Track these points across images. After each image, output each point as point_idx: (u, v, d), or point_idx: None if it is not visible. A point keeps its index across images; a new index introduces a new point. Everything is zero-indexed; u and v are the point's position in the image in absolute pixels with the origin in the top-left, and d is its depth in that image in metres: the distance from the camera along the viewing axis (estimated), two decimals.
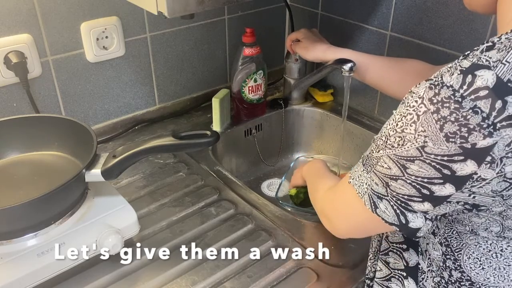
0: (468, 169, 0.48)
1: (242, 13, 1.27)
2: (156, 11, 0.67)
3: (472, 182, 0.50)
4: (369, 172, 0.59)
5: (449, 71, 0.49)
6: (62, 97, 1.05)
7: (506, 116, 0.45)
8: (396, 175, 0.54)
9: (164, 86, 1.21)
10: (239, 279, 0.76)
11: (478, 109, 0.46)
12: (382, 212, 0.58)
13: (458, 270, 0.61)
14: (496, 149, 0.46)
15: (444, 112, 0.47)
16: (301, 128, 1.33)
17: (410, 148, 0.51)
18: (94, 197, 0.81)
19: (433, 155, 0.49)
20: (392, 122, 0.54)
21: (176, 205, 0.92)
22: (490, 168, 0.48)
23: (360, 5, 1.16)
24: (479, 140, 0.46)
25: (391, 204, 0.56)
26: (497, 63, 0.46)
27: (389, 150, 0.54)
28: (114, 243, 0.74)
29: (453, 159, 0.48)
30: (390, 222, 0.57)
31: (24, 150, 0.85)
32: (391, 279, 0.71)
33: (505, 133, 0.46)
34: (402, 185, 0.54)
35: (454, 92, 0.47)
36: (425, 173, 0.51)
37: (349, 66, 0.99)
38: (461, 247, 0.60)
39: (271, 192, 1.21)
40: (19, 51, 0.94)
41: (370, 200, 0.59)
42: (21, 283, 0.69)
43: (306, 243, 0.84)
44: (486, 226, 0.57)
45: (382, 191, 0.57)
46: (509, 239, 0.57)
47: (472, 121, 0.46)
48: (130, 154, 0.74)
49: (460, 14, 0.98)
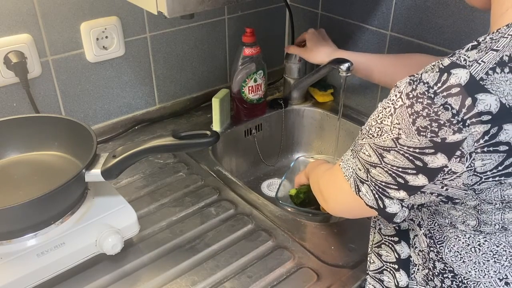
0: (439, 162, 0.51)
1: (242, 13, 1.27)
2: (156, 11, 0.67)
3: (443, 175, 0.52)
4: (355, 158, 0.62)
5: (431, 68, 0.52)
6: (62, 97, 1.05)
7: (476, 113, 0.47)
8: (375, 162, 0.57)
9: (164, 86, 1.21)
10: (239, 279, 0.76)
11: (448, 106, 0.48)
12: (363, 195, 0.61)
13: (441, 262, 0.63)
14: (465, 144, 0.49)
15: (417, 107, 0.50)
16: (301, 128, 1.33)
17: (387, 139, 0.54)
18: (94, 197, 0.81)
19: (406, 147, 0.52)
20: (375, 112, 0.57)
21: (176, 205, 0.92)
22: (460, 162, 0.50)
23: (360, 5, 1.16)
24: (448, 135, 0.49)
25: (371, 189, 0.60)
26: (473, 63, 0.49)
27: (370, 139, 0.57)
28: (114, 243, 0.74)
29: (424, 152, 0.51)
30: (370, 205, 0.61)
31: (24, 150, 0.85)
32: (383, 272, 0.72)
33: (474, 129, 0.48)
34: (380, 173, 0.57)
35: (429, 88, 0.50)
36: (399, 163, 0.54)
37: (347, 66, 1.00)
38: (443, 239, 0.62)
39: (271, 192, 1.21)
40: (19, 51, 0.94)
41: (354, 183, 0.62)
42: (21, 283, 0.69)
43: (306, 243, 0.84)
44: (463, 219, 0.59)
45: (363, 176, 0.60)
46: (485, 234, 0.59)
47: (443, 116, 0.48)
48: (130, 154, 0.74)
49: (460, 14, 0.98)
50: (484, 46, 0.50)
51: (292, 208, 1.00)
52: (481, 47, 0.51)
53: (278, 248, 0.82)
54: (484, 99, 0.47)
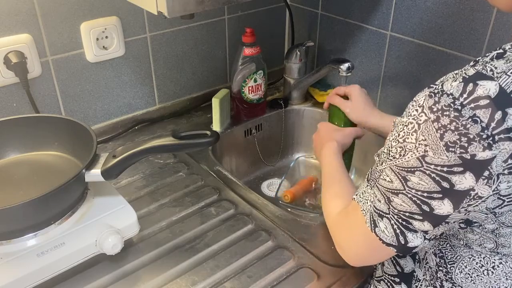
0: (466, 183, 0.48)
1: (242, 13, 1.27)
2: (156, 11, 0.67)
3: (469, 201, 0.49)
4: (373, 188, 0.58)
5: (453, 77, 0.48)
6: (62, 97, 1.05)
7: (505, 128, 0.45)
8: (397, 188, 0.53)
9: (164, 86, 1.21)
10: (239, 279, 0.76)
11: (477, 118, 0.45)
12: (381, 232, 0.57)
13: (450, 281, 0.61)
14: (494, 164, 0.46)
15: (444, 121, 0.47)
16: (301, 128, 1.33)
17: (411, 158, 0.51)
18: (94, 197, 0.81)
19: (433, 165, 0.49)
20: (394, 133, 0.54)
21: (176, 205, 0.92)
22: (487, 184, 0.47)
23: (360, 5, 1.16)
24: (478, 152, 0.46)
25: (392, 223, 0.55)
26: (501, 74, 0.46)
27: (391, 162, 0.53)
28: (114, 243, 0.74)
29: (452, 170, 0.48)
30: (387, 243, 0.57)
31: (24, 150, 0.85)
32: (380, 282, 0.72)
33: (503, 146, 0.45)
34: (403, 201, 0.53)
35: (454, 100, 0.46)
36: (425, 186, 0.51)
37: (347, 66, 1.00)
38: (455, 260, 0.60)
39: (271, 192, 1.21)
40: (19, 51, 0.94)
41: (370, 218, 0.58)
42: (21, 283, 0.69)
43: (306, 243, 0.84)
44: (480, 242, 0.56)
45: (384, 208, 0.56)
46: (502, 255, 0.57)
47: (472, 130, 0.45)
48: (130, 154, 0.74)
49: (460, 14, 0.98)
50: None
51: (292, 208, 1.00)
52: (508, 56, 0.47)
53: (278, 248, 0.82)
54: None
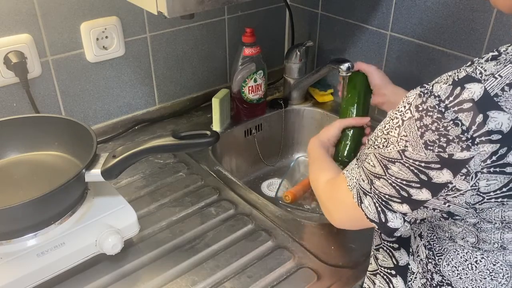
0: (443, 178, 0.50)
1: (242, 13, 1.27)
2: (156, 11, 0.67)
3: (447, 191, 0.51)
4: (359, 167, 0.61)
5: (446, 79, 0.50)
6: (62, 97, 1.05)
7: (485, 131, 0.46)
8: (379, 173, 0.56)
9: (164, 86, 1.21)
10: (239, 279, 0.76)
11: (459, 121, 0.47)
12: (365, 207, 0.60)
13: (439, 274, 0.62)
14: (472, 163, 0.47)
15: (426, 120, 0.49)
16: (301, 128, 1.33)
17: (392, 150, 0.53)
18: (94, 197, 0.81)
19: (412, 160, 0.51)
20: (382, 123, 0.56)
21: (176, 205, 0.92)
22: (464, 180, 0.49)
23: (360, 5, 1.16)
24: (456, 152, 0.47)
25: (374, 201, 0.58)
26: (489, 77, 0.47)
27: (375, 149, 0.56)
28: (114, 243, 0.74)
29: (430, 166, 0.50)
30: (370, 219, 0.59)
31: (24, 150, 0.85)
32: (376, 275, 0.72)
33: (482, 148, 0.46)
34: (384, 185, 0.56)
35: (440, 102, 0.48)
36: (404, 175, 0.53)
37: (347, 66, 0.99)
38: (442, 252, 0.61)
39: (271, 192, 1.21)
40: (19, 51, 0.94)
41: (357, 194, 0.61)
42: (21, 283, 0.69)
43: (306, 243, 0.84)
44: (463, 235, 0.58)
45: (367, 187, 0.59)
46: (483, 251, 0.58)
47: (452, 132, 0.47)
48: (130, 154, 0.74)
49: (460, 14, 0.98)
50: (504, 58, 0.48)
51: (292, 208, 1.00)
52: (500, 59, 0.48)
53: (278, 248, 0.82)
54: (496, 117, 0.45)
